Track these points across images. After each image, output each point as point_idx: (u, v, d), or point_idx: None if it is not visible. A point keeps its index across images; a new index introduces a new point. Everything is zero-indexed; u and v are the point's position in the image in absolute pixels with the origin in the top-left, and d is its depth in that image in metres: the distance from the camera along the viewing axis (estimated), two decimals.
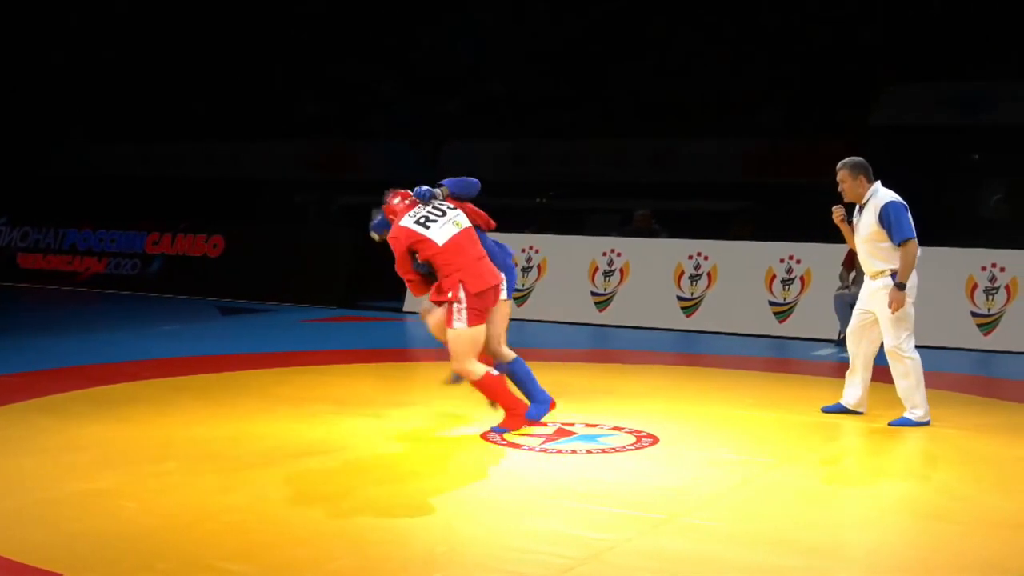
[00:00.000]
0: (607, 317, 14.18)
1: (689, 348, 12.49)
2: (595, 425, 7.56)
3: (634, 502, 5.70)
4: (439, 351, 7.52)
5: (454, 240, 7.17)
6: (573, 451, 6.83)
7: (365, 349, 11.88)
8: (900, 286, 7.64)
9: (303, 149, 23.12)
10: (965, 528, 5.39)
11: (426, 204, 7.36)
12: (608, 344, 12.26)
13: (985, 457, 6.98)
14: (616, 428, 7.50)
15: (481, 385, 7.20)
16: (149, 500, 5.60)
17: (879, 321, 7.86)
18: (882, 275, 7.78)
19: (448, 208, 7.36)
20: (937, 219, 15.97)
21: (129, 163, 24.49)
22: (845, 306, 12.55)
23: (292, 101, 23.60)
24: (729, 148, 19.25)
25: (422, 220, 7.24)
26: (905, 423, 7.76)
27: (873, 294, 7.89)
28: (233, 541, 4.98)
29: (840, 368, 10.91)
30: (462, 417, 7.86)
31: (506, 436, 7.17)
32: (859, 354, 8.14)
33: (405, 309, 15.52)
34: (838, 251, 13.14)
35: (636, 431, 7.39)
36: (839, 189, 8.00)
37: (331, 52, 23.28)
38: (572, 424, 7.50)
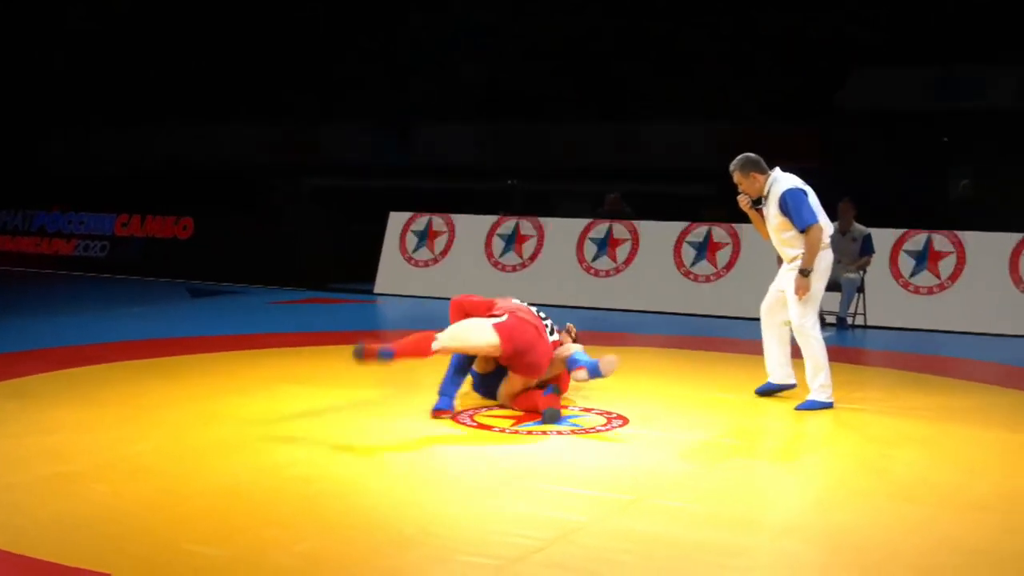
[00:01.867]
0: (600, 300, 14.19)
1: (676, 330, 12.46)
2: (565, 407, 7.56)
3: (603, 483, 5.72)
4: (409, 332, 7.50)
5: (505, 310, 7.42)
6: (543, 432, 6.84)
7: (335, 331, 11.84)
8: (804, 272, 7.68)
9: (271, 133, 23.00)
10: (933, 510, 5.43)
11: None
12: (596, 326, 12.24)
13: (951, 439, 7.03)
14: (586, 409, 7.51)
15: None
16: (119, 483, 5.56)
17: (788, 300, 7.91)
18: (796, 259, 7.83)
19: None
20: (907, 202, 16.13)
21: (98, 146, 24.28)
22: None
23: (261, 85, 23.45)
24: (699, 132, 19.29)
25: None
26: (811, 406, 7.72)
27: (786, 274, 7.98)
28: (203, 524, 4.96)
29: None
30: (432, 399, 7.84)
31: (476, 418, 7.17)
32: (772, 331, 8.16)
33: (376, 291, 15.50)
34: None
35: (606, 412, 7.40)
36: (740, 190, 8.03)
37: (302, 36, 23.14)
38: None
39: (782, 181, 7.87)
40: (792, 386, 8.11)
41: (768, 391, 8.16)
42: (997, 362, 10.68)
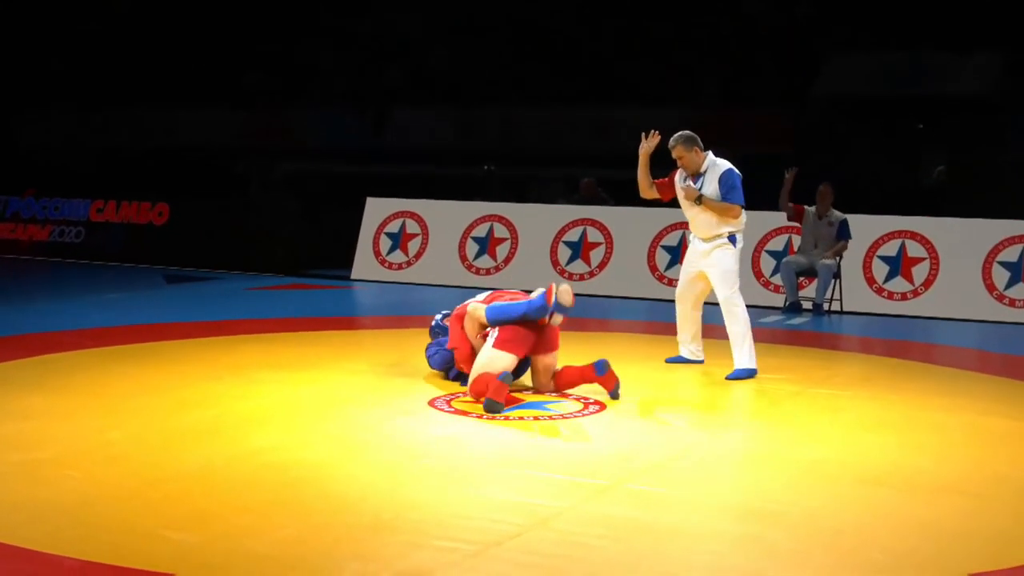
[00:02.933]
0: (585, 287, 14.19)
1: (660, 317, 12.40)
2: (542, 392, 7.56)
3: (579, 469, 5.71)
4: (386, 319, 7.48)
5: (493, 294, 7.70)
6: (520, 418, 6.83)
7: (312, 317, 11.81)
8: (699, 199, 8.37)
9: (244, 118, 22.87)
10: (907, 494, 5.44)
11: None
12: (584, 313, 12.21)
13: (926, 424, 7.06)
14: (563, 395, 7.50)
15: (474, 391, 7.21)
16: (92, 470, 5.52)
17: (710, 278, 8.45)
18: (718, 238, 8.40)
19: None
20: (879, 189, 16.17)
21: (71, 131, 24.09)
22: (792, 273, 12.70)
23: (232, 70, 23.30)
24: (668, 118, 19.25)
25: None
26: (739, 375, 8.22)
27: (704, 254, 8.48)
28: (178, 510, 4.93)
29: (788, 335, 11.05)
30: (409, 385, 7.83)
31: (453, 403, 7.16)
32: (687, 306, 8.70)
33: (353, 277, 15.45)
34: (776, 218, 13.29)
35: (583, 398, 7.40)
36: (679, 165, 8.53)
37: (272, 20, 23.00)
38: (520, 391, 7.49)
39: (721, 161, 8.51)
40: (700, 363, 8.71)
41: (680, 362, 8.75)
42: (973, 348, 10.76)
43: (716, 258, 8.40)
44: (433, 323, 8.35)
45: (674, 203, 8.89)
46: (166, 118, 23.36)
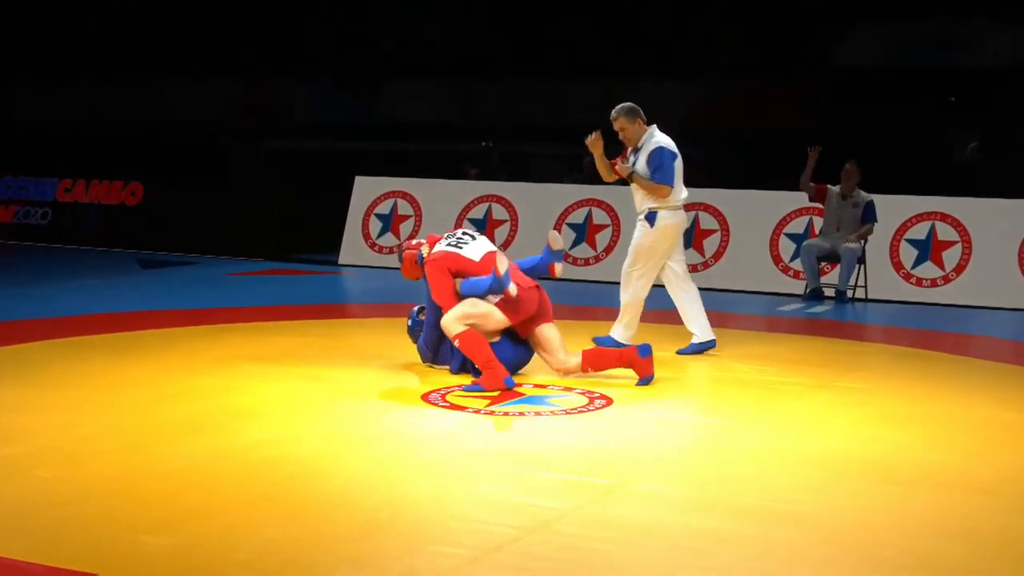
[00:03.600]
0: (594, 273, 14.21)
1: (669, 305, 12.39)
2: (544, 386, 7.60)
3: (584, 467, 5.75)
4: (376, 307, 7.52)
5: (488, 256, 7.75)
6: (520, 413, 6.86)
7: (298, 305, 11.84)
8: (630, 176, 8.78)
9: (224, 91, 22.84)
10: (933, 494, 5.48)
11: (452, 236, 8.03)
12: (588, 301, 12.26)
13: (954, 420, 7.09)
14: (567, 389, 7.54)
15: (464, 340, 7.43)
16: (64, 469, 5.55)
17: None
18: (641, 214, 8.88)
19: (477, 234, 8.10)
20: (907, 168, 16.17)
21: (39, 105, 24.06)
22: (813, 257, 12.72)
23: (212, 39, 23.25)
24: (676, 92, 19.25)
25: (454, 243, 7.90)
26: (607, 342, 8.80)
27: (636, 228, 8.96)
28: (156, 512, 4.95)
29: (808, 325, 11.08)
30: (402, 378, 7.87)
31: (449, 398, 7.20)
32: (680, 294, 9.12)
33: (341, 262, 15.48)
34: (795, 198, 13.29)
35: (588, 392, 7.44)
36: (620, 137, 8.89)
37: None
38: (520, 384, 7.53)
39: (659, 137, 8.83)
40: (712, 342, 9.00)
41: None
42: (1007, 338, 10.79)
43: (635, 232, 8.93)
44: (409, 322, 8.39)
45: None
46: (140, 91, 23.33)
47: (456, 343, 7.50)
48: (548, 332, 7.74)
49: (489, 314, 7.51)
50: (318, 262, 15.53)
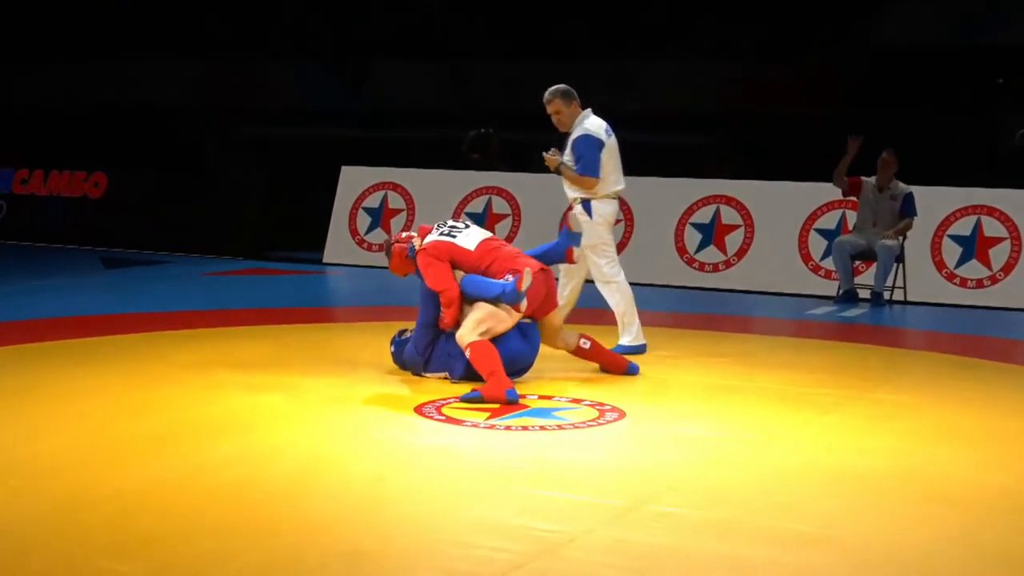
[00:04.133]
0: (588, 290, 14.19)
1: (687, 308, 12.42)
2: (550, 397, 7.59)
3: (594, 487, 5.73)
4: (364, 310, 7.52)
5: (484, 245, 8.02)
6: (524, 427, 6.85)
7: (278, 308, 11.84)
8: (558, 170, 8.99)
9: (197, 72, 22.82)
10: (980, 517, 5.45)
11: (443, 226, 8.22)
12: (593, 303, 12.23)
13: (1003, 436, 7.06)
14: (575, 400, 7.53)
15: (475, 350, 7.57)
16: (17, 487, 5.55)
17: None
18: (576, 202, 9.04)
19: (470, 223, 8.36)
20: (949, 157, 16.15)
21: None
22: (846, 256, 12.67)
23: (184, 14, 23.24)
24: (701, 72, 19.24)
25: (446, 232, 8.08)
26: (622, 350, 8.79)
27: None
28: (119, 535, 4.94)
29: (841, 330, 11.07)
30: (392, 387, 7.86)
31: (444, 410, 7.18)
32: (568, 288, 9.26)
33: (325, 260, 15.48)
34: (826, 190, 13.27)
35: (599, 404, 7.42)
36: (553, 121, 9.06)
37: None
38: (524, 396, 7.51)
39: (588, 123, 9.01)
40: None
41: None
42: None
43: (583, 236, 8.91)
44: (392, 348, 8.33)
45: (700, 174, 9.11)
46: (104, 72, 23.30)
47: (467, 352, 7.58)
48: (554, 321, 8.13)
49: (502, 317, 7.69)
50: (300, 261, 15.53)
